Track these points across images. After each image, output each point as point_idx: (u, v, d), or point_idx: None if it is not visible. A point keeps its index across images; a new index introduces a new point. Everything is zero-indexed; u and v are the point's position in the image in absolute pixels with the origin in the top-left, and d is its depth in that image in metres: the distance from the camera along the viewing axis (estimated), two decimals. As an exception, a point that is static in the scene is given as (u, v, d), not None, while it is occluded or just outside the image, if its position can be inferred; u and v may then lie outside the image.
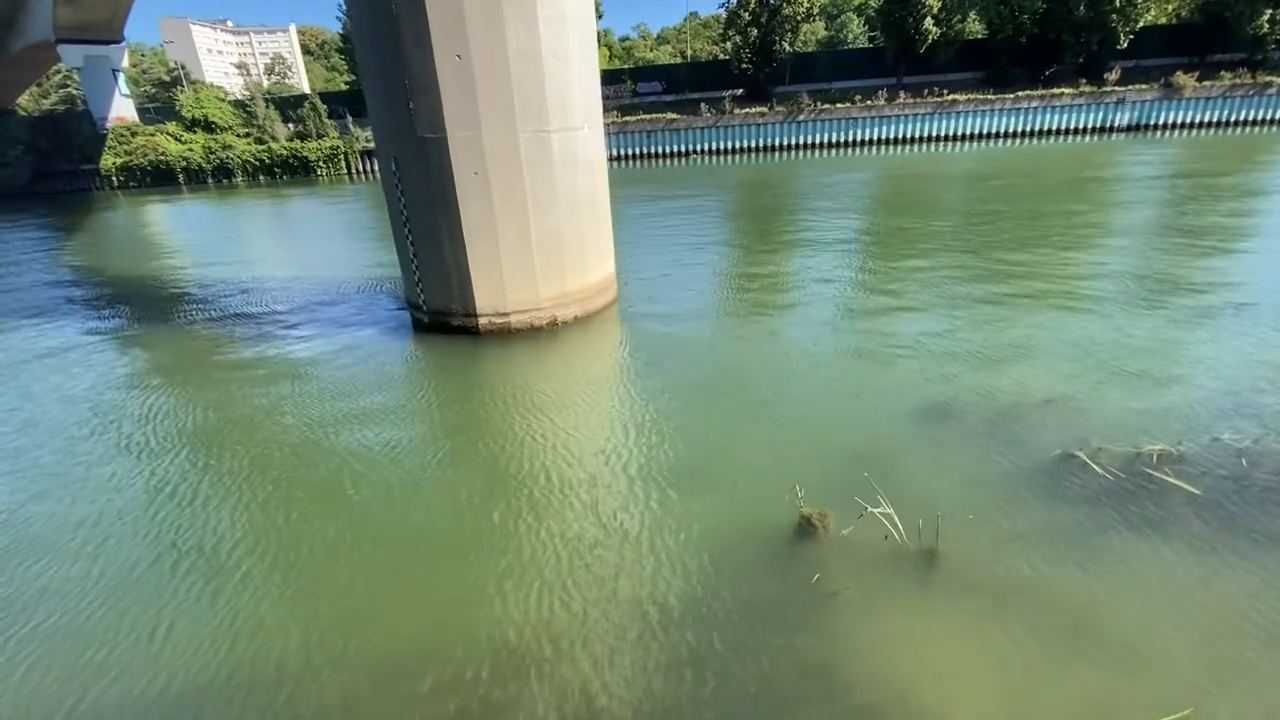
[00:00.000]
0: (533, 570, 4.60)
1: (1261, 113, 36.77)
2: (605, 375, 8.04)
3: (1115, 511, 4.74)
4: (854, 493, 5.12)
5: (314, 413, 7.42)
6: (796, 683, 3.63)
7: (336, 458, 6.38)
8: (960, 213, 17.31)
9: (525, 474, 5.84)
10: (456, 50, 7.92)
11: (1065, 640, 3.77)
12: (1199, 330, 8.00)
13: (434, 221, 8.91)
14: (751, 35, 42.26)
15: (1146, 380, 6.77)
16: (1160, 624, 3.79)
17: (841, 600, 4.11)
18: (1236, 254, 11.64)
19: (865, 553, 4.46)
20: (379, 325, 10.51)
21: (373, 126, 9.34)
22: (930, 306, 9.60)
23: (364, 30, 8.48)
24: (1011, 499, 4.96)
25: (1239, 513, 4.63)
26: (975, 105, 40.31)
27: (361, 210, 27.95)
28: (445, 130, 8.28)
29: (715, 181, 29.70)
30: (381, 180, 9.68)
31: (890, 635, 3.87)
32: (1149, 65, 39.28)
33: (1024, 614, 3.95)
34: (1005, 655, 3.71)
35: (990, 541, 4.51)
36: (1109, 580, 4.15)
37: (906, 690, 3.52)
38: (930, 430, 6.07)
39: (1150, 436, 5.65)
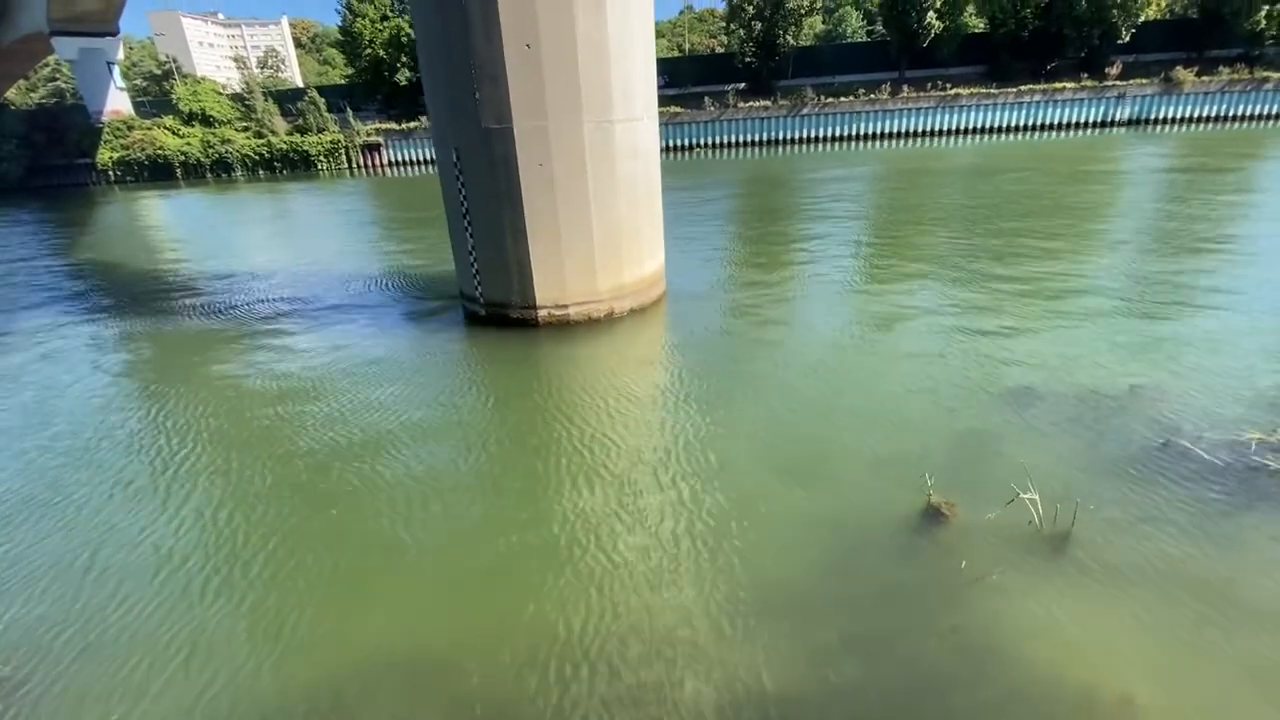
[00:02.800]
0: (664, 561, 4.59)
1: (1258, 108, 37.26)
2: (674, 367, 8.03)
3: (1231, 494, 4.82)
4: (966, 481, 5.17)
5: (382, 410, 7.34)
6: (957, 664, 3.66)
7: (404, 454, 6.33)
8: (986, 206, 17.43)
9: (618, 470, 5.80)
10: (526, 38, 7.86)
11: (1210, 617, 3.82)
12: (1262, 324, 8.11)
13: (496, 213, 8.85)
14: (755, 29, 42.23)
15: (1220, 370, 6.86)
16: (1307, 602, 3.86)
17: (990, 584, 4.15)
18: (1258, 253, 11.82)
19: (1002, 537, 4.51)
20: (430, 317, 10.48)
21: (432, 119, 9.25)
22: (980, 300, 9.68)
23: (429, 21, 8.39)
24: (1128, 483, 5.02)
25: (1356, 494, 4.71)
26: (978, 99, 40.53)
27: (371, 204, 27.75)
28: (511, 120, 8.22)
29: (724, 176, 29.70)
30: (439, 173, 9.60)
31: (1041, 616, 3.91)
32: (1149, 60, 39.63)
33: (1167, 592, 4.01)
34: (1154, 632, 3.76)
35: (1121, 524, 4.57)
36: (1243, 558, 4.22)
37: (1063, 668, 3.56)
38: (1023, 419, 6.12)
39: (1242, 424, 5.73)
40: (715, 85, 44.11)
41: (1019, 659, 3.64)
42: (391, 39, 44.37)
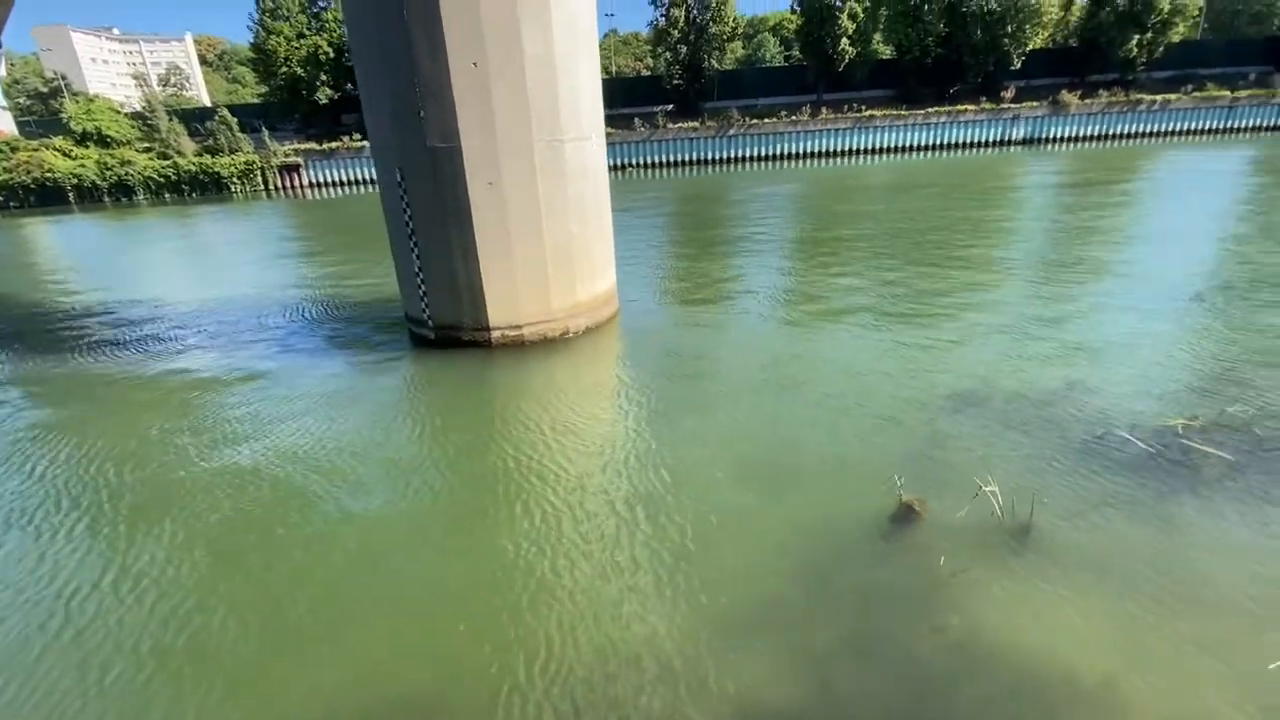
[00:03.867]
0: (637, 585, 4.52)
1: (1134, 127, 41.41)
2: (632, 385, 8.01)
3: (1169, 476, 5.23)
4: (930, 479, 5.38)
5: (317, 448, 6.87)
6: (947, 661, 3.76)
7: (345, 495, 5.94)
8: (905, 220, 18.46)
9: (581, 493, 5.67)
10: (472, 58, 7.75)
11: (1165, 593, 4.10)
12: (1171, 320, 8.92)
13: (444, 233, 8.62)
14: (681, 52, 43.40)
15: (1135, 366, 7.48)
16: (1243, 572, 4.20)
17: (968, 578, 4.30)
18: (1155, 251, 13.08)
19: (971, 531, 4.70)
20: (370, 344, 10.00)
21: (372, 137, 8.94)
22: (908, 310, 10.19)
23: (367, 38, 8.14)
24: (1076, 473, 5.36)
25: (1268, 469, 5.21)
26: (890, 121, 43.11)
27: (292, 227, 26.51)
28: (459, 139, 8.06)
29: (659, 194, 30.21)
30: (381, 193, 9.26)
31: (1017, 605, 4.08)
32: (1038, 85, 43.36)
33: (1124, 572, 4.28)
34: (1118, 612, 3.99)
35: (1075, 512, 4.86)
36: (1186, 534, 4.57)
37: (1045, 655, 3.72)
38: (973, 417, 6.44)
39: (1165, 413, 6.25)
40: (644, 106, 44.97)
41: (1004, 650, 3.78)
42: (309, 57, 42.86)
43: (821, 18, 42.67)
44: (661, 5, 44.00)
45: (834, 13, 42.18)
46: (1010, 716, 3.40)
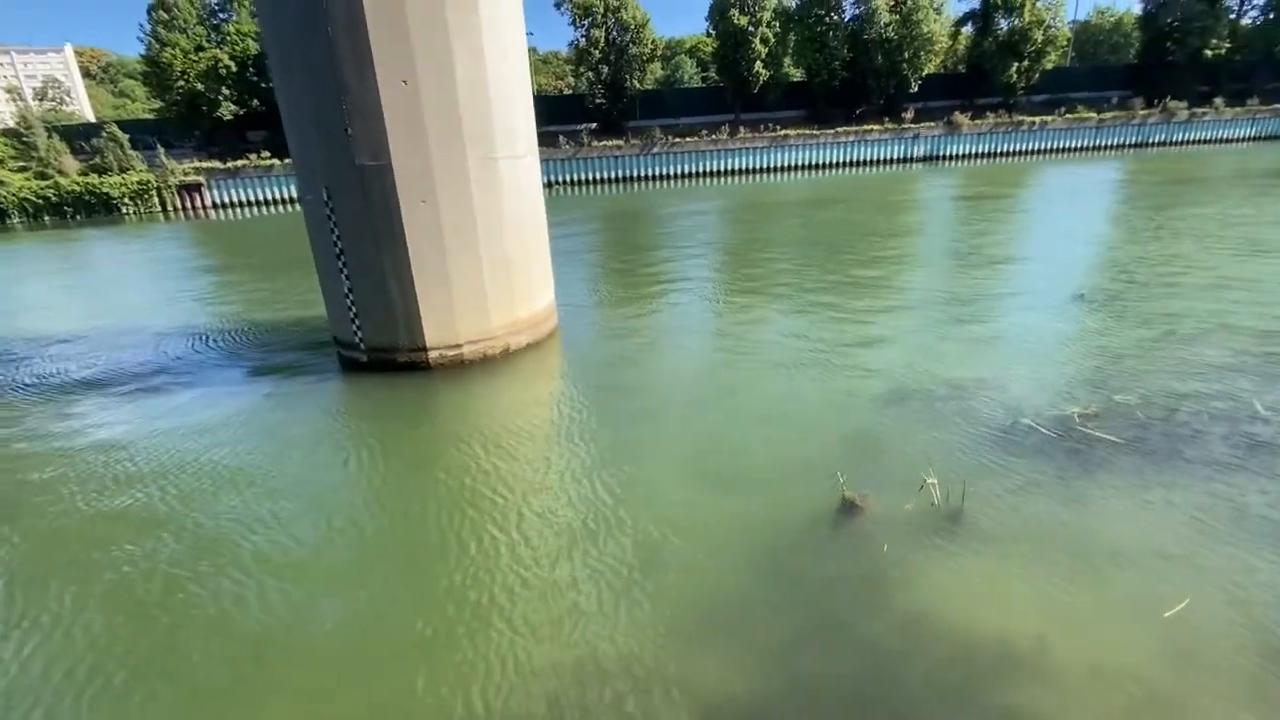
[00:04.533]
0: (586, 594, 4.57)
1: (1017, 145, 45.37)
2: (576, 400, 8.05)
3: (1071, 458, 5.80)
4: (869, 474, 5.72)
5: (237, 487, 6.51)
6: (898, 639, 4.02)
7: (273, 535, 5.65)
8: (822, 232, 19.48)
9: (529, 514, 5.65)
10: (402, 75, 7.66)
11: (1077, 559, 4.56)
12: (1059, 318, 9.86)
13: (375, 253, 8.39)
14: (603, 72, 44.05)
15: (1034, 360, 8.24)
16: (1140, 537, 4.73)
17: (911, 562, 4.61)
18: (1041, 257, 14.43)
19: (911, 520, 5.04)
20: (294, 371, 9.51)
21: (295, 155, 8.61)
22: (832, 316, 10.79)
23: (288, 52, 7.88)
24: (995, 459, 5.85)
25: (1155, 449, 5.88)
26: (804, 140, 45.23)
27: (196, 250, 24.90)
28: (390, 157, 7.91)
29: (587, 211, 30.45)
30: (306, 213, 8.92)
31: (956, 582, 4.43)
32: (934, 106, 46.83)
33: (1045, 544, 4.73)
34: (1042, 579, 4.41)
35: (998, 494, 5.31)
36: (1092, 508, 5.09)
37: (983, 623, 4.07)
38: (898, 414, 6.91)
39: (1064, 402, 6.92)
40: (568, 125, 45.25)
41: (946, 623, 4.09)
42: (209, 71, 40.57)
43: (735, 41, 44.50)
44: (582, 26, 44.60)
45: (747, 37, 44.09)
46: (955, 683, 3.68)
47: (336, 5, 7.31)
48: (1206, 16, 44.68)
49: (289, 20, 7.70)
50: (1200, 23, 44.66)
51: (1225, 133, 46.15)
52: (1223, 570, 4.36)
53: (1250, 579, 4.26)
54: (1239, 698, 3.46)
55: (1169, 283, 11.28)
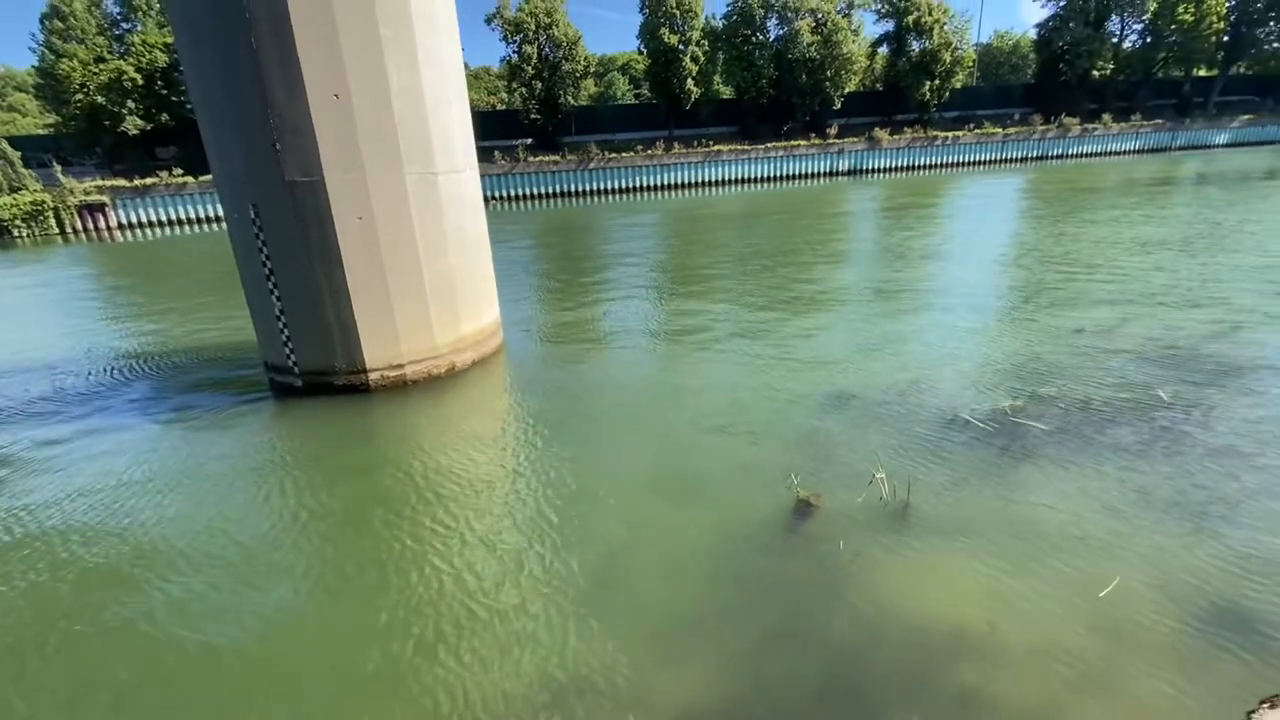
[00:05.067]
0: (551, 613, 4.51)
1: (932, 159, 48.15)
2: (527, 416, 7.94)
3: (1004, 448, 6.15)
4: (821, 473, 5.89)
5: (173, 527, 6.13)
6: (858, 633, 4.14)
7: (194, 588, 5.39)
8: (757, 243, 20.06)
9: (483, 535, 5.53)
10: (333, 89, 7.42)
11: (1018, 543, 4.82)
12: (984, 318, 10.47)
13: (309, 272, 8.04)
14: (536, 88, 44.05)
15: (967, 358, 8.72)
16: (1074, 519, 5.05)
17: (866, 557, 4.76)
18: (960, 262, 15.35)
19: (863, 515, 5.21)
20: (219, 400, 8.94)
21: (218, 172, 8.17)
22: (771, 322, 11.12)
23: (207, 64, 7.50)
24: (938, 453, 6.13)
25: (1076, 436, 6.31)
26: (736, 155, 46.54)
27: (101, 275, 23.18)
28: (322, 173, 7.63)
29: (525, 226, 30.27)
30: (231, 232, 8.45)
31: (908, 574, 4.59)
32: (856, 123, 49.21)
33: (989, 533, 4.96)
34: (987, 565, 4.63)
35: (943, 487, 5.56)
36: (1031, 496, 5.40)
37: (937, 612, 4.23)
38: (844, 414, 7.15)
39: (997, 396, 7.34)
40: (503, 140, 44.93)
41: (902, 614, 4.23)
42: (112, 83, 38.12)
43: (667, 60, 45.46)
44: (513, 42, 44.51)
45: (678, 55, 45.13)
46: (914, 671, 3.81)
47: (261, 17, 7.03)
48: (1093, 40, 48.95)
49: (207, 33, 7.34)
50: (1087, 46, 48.87)
51: (1113, 146, 50.55)
52: (1144, 549, 4.70)
53: (1167, 556, 4.61)
54: (1165, 665, 3.73)
55: (1075, 282, 12.19)
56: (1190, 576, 4.38)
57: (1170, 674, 3.66)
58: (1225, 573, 4.39)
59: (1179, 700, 3.50)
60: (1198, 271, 12.39)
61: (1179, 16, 47.92)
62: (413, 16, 7.77)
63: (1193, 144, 51.35)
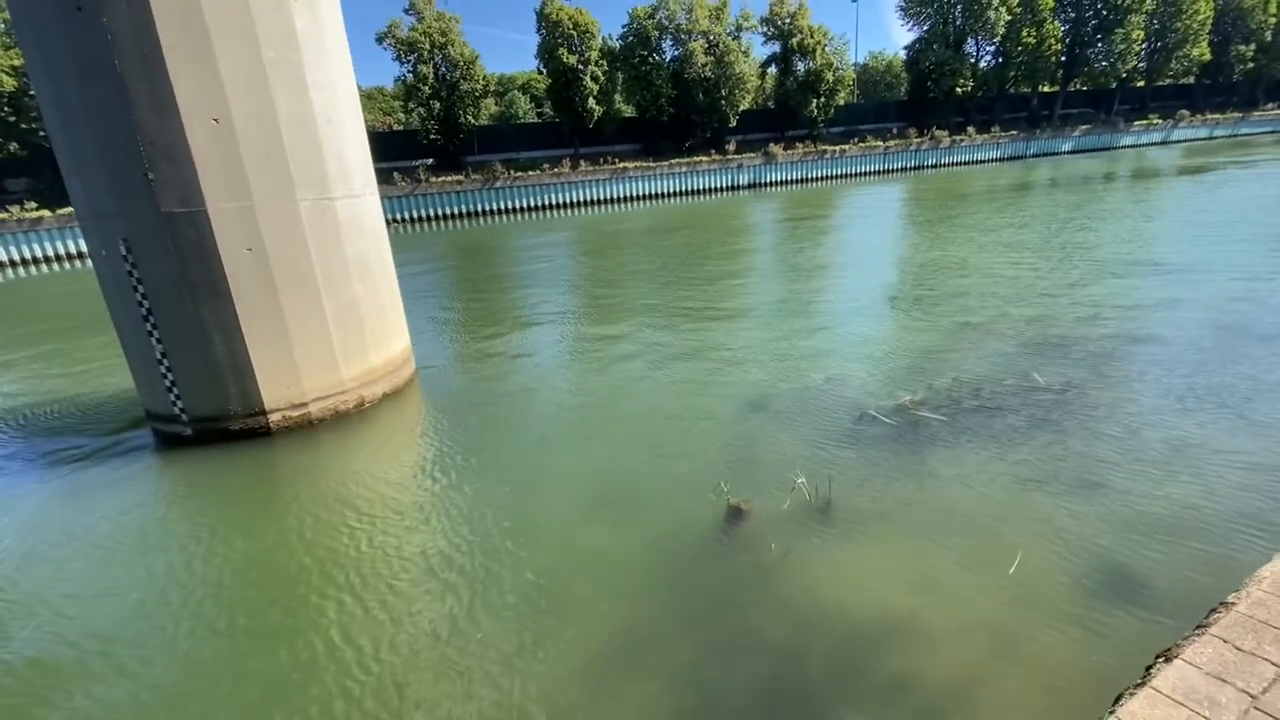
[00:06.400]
0: (487, 649, 4.37)
1: (823, 171, 51.16)
2: (447, 446, 7.66)
3: (910, 439, 6.57)
4: (747, 478, 6.05)
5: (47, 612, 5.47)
6: (793, 629, 4.26)
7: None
8: (667, 257, 20.50)
9: (413, 576, 5.29)
10: (212, 113, 6.93)
11: (932, 528, 5.15)
12: (878, 320, 11.19)
13: (193, 310, 7.41)
14: (435, 108, 43.11)
15: (866, 357, 9.27)
16: (978, 499, 5.46)
17: (795, 556, 4.91)
18: (854, 267, 16.37)
19: (791, 518, 5.38)
20: (97, 457, 8.00)
21: (81, 204, 7.38)
22: (686, 332, 11.40)
23: (65, 90, 6.79)
24: (851, 449, 6.46)
25: (970, 423, 6.83)
26: (641, 171, 47.42)
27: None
28: (204, 203, 7.08)
29: (429, 249, 29.41)
30: (99, 270, 7.65)
31: (836, 568, 4.79)
32: (753, 139, 51.48)
33: (905, 521, 5.27)
34: (907, 551, 4.91)
35: (859, 481, 5.85)
36: (932, 481, 5.78)
37: (864, 602, 4.44)
38: (764, 420, 7.40)
39: (897, 391, 7.84)
40: (402, 161, 43.52)
41: (836, 607, 4.40)
42: (-59, 110, 33.75)
43: (567, 79, 45.80)
44: (408, 62, 43.37)
45: (578, 75, 45.58)
46: (850, 662, 3.96)
47: (125, 39, 6.47)
48: (954, 61, 53.92)
49: (63, 55, 6.67)
50: (950, 66, 53.78)
51: (979, 155, 55.74)
52: (1041, 522, 5.13)
53: (1061, 526, 5.06)
54: (1071, 628, 4.08)
55: (955, 281, 13.28)
56: (1083, 543, 4.82)
57: (1076, 636, 4.00)
58: (1113, 536, 4.86)
59: (1086, 660, 3.83)
60: (1058, 266, 13.84)
61: (1023, 39, 53.78)
62: (298, 35, 7.41)
63: (1043, 151, 57.50)
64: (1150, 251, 14.48)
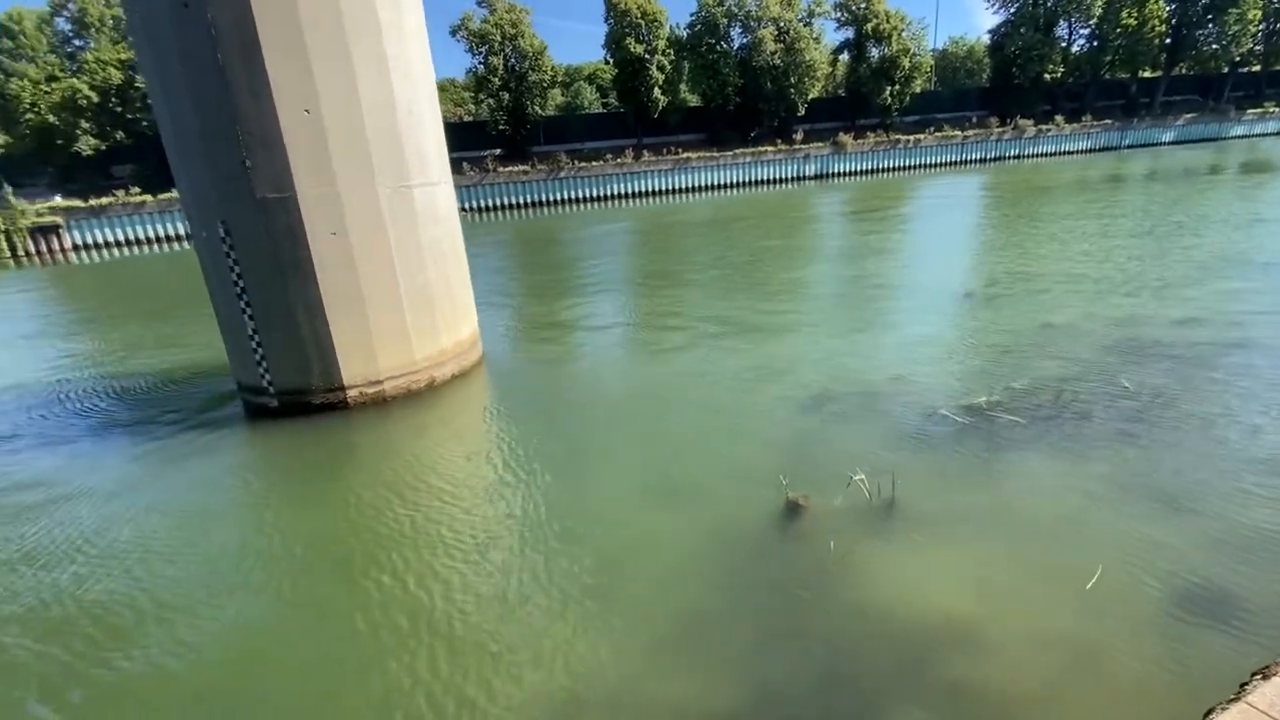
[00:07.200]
0: (547, 623, 4.50)
1: (895, 162, 49.22)
2: (511, 428, 7.90)
3: (985, 441, 6.32)
4: (808, 473, 5.97)
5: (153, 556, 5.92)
6: (857, 627, 4.21)
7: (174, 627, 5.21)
8: (730, 248, 20.27)
9: (473, 551, 5.46)
10: (304, 104, 7.33)
11: (1003, 534, 4.95)
12: (952, 316, 10.75)
13: (282, 290, 7.90)
14: (504, 99, 43.94)
15: (939, 357, 8.92)
16: (1055, 508, 5.21)
17: (856, 555, 4.84)
18: (928, 261, 15.73)
19: (850, 515, 5.29)
20: (193, 424, 8.66)
21: (185, 191, 7.99)
22: (750, 325, 11.25)
23: (173, 81, 7.34)
24: (919, 449, 6.27)
25: (1050, 429, 6.50)
26: (705, 161, 46.90)
27: (57, 299, 22.41)
28: (294, 189, 7.52)
29: (496, 237, 30.14)
30: (200, 252, 8.26)
31: (900, 570, 4.69)
32: (821, 128, 50.04)
33: (973, 524, 5.10)
34: (973, 556, 4.76)
35: (926, 482, 5.68)
36: (1008, 486, 5.56)
37: (928, 604, 4.32)
38: (827, 415, 7.26)
39: (971, 392, 7.53)
40: (472, 151, 44.63)
41: (895, 606, 4.32)
42: (65, 102, 36.98)
43: (633, 69, 45.73)
44: (479, 53, 44.35)
45: (644, 64, 45.44)
46: (908, 660, 3.89)
47: (227, 34, 6.92)
48: (1043, 45, 50.67)
49: (171, 49, 7.19)
50: (1039, 50, 50.57)
51: (1066, 146, 52.31)
52: (1124, 534, 4.85)
53: (1147, 541, 4.76)
54: (1156, 645, 3.85)
55: (1036, 278, 12.58)
56: (1171, 561, 4.53)
57: (1162, 653, 3.78)
58: (1203, 555, 4.55)
59: (1172, 678, 3.61)
60: (1151, 266, 12.89)
61: (1123, 21, 49.95)
62: (382, 29, 7.72)
63: (1141, 142, 53.40)
64: (1257, 253, 13.28)
